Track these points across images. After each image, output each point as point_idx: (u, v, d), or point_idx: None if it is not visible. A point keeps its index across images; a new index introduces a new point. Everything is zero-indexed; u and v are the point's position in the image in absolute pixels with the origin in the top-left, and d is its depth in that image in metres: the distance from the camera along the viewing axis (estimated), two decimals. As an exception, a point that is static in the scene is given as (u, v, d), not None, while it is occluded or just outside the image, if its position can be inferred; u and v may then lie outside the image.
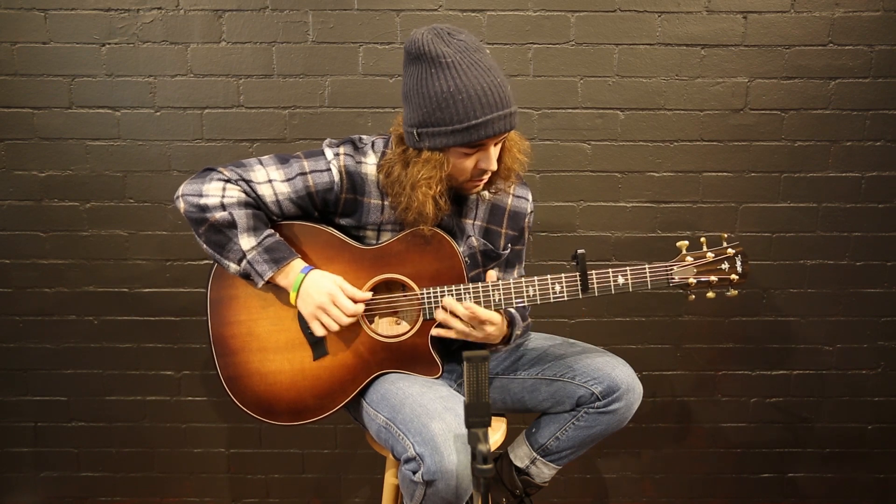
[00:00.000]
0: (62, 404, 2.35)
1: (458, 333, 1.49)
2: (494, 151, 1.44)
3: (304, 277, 1.47)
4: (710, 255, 1.51)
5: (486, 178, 1.49)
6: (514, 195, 1.65)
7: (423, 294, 1.51)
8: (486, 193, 1.61)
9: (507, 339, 1.60)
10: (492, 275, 1.55)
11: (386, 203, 1.52)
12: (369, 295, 1.51)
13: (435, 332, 1.52)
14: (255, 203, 1.49)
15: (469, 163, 1.44)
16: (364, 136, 1.57)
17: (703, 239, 1.53)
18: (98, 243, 2.25)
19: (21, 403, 2.35)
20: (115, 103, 2.18)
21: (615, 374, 1.56)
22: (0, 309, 2.29)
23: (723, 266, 1.51)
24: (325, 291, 1.45)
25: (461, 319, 1.47)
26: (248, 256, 1.46)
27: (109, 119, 2.19)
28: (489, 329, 1.48)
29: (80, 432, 2.37)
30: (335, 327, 1.46)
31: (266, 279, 1.47)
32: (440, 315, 1.49)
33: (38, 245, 2.25)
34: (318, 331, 1.48)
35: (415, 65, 1.39)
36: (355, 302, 1.48)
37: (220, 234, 1.47)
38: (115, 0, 2.12)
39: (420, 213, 1.44)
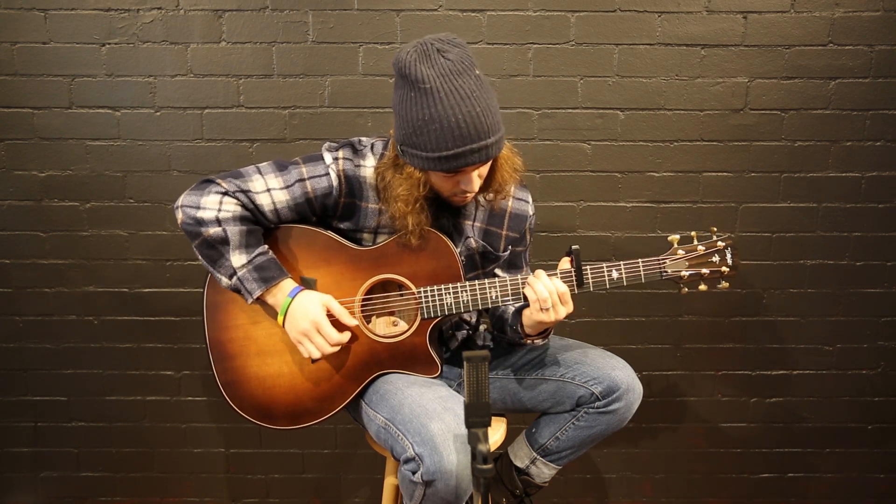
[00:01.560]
0: (62, 404, 2.35)
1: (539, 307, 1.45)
2: (476, 174, 1.43)
3: (290, 301, 1.46)
4: (700, 248, 1.55)
5: (470, 195, 1.48)
6: (514, 197, 1.65)
7: (420, 293, 1.51)
8: (481, 198, 1.61)
9: (546, 333, 1.60)
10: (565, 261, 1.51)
11: (383, 207, 1.52)
12: (356, 323, 1.51)
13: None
14: (251, 216, 1.49)
15: (450, 183, 1.44)
16: (364, 139, 1.57)
17: (693, 233, 1.56)
18: (98, 243, 2.25)
19: (21, 403, 2.35)
20: (115, 103, 2.18)
21: (615, 374, 1.56)
22: (0, 309, 2.29)
23: (713, 259, 1.54)
24: (310, 318, 1.45)
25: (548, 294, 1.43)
26: (239, 274, 1.46)
27: (109, 119, 2.19)
28: (567, 310, 1.46)
29: (80, 432, 2.37)
30: (317, 355, 1.47)
31: (255, 297, 1.47)
32: (536, 284, 1.45)
33: (38, 245, 2.25)
34: (304, 354, 1.49)
35: (400, 83, 1.39)
36: (341, 330, 1.48)
37: (213, 249, 1.47)
38: (115, 0, 2.12)
39: (402, 223, 1.46)
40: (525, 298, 1.49)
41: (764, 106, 2.19)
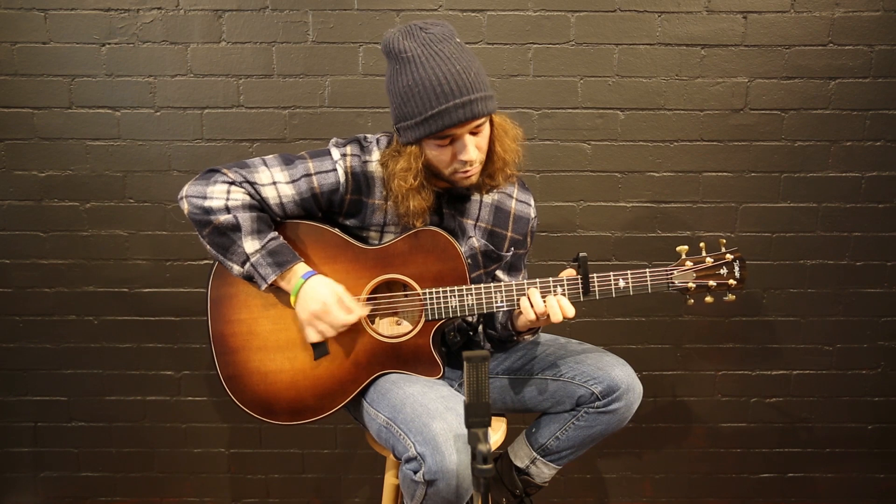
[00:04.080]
0: (62, 404, 2.35)
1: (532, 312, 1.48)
2: (471, 140, 1.42)
3: (303, 283, 1.47)
4: (709, 259, 1.53)
5: (471, 169, 1.46)
6: (517, 199, 1.65)
7: (424, 295, 1.51)
8: (487, 198, 1.61)
9: (535, 330, 1.65)
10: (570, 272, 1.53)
11: (389, 203, 1.52)
12: (366, 311, 1.51)
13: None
14: (259, 205, 1.49)
15: (446, 154, 1.43)
16: (369, 135, 1.57)
17: (702, 244, 1.54)
18: (98, 243, 2.25)
19: (21, 403, 2.35)
20: (115, 103, 2.18)
21: (615, 373, 1.56)
22: (0, 309, 2.28)
23: (721, 271, 1.53)
24: (321, 300, 1.45)
25: (536, 312, 1.47)
26: (252, 259, 1.46)
27: (109, 119, 2.19)
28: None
29: (80, 432, 2.37)
30: (318, 338, 1.48)
31: (269, 282, 1.47)
32: (524, 303, 1.48)
33: (38, 245, 2.25)
34: (311, 337, 1.49)
35: (388, 63, 1.43)
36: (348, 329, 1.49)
37: (224, 236, 1.47)
38: (115, 0, 2.12)
39: (405, 204, 1.47)
40: (519, 305, 1.50)
41: (764, 106, 2.19)
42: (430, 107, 1.36)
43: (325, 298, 1.45)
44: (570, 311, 1.47)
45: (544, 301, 1.47)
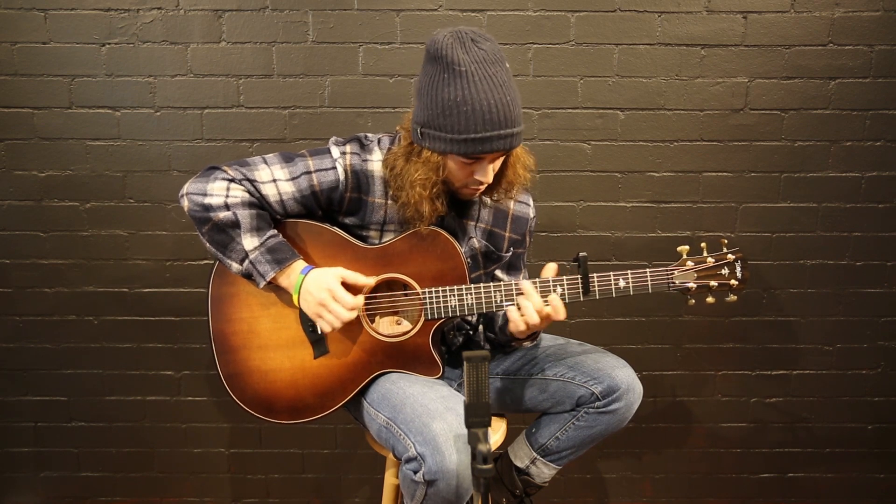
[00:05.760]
0: (62, 404, 2.35)
1: (523, 323, 1.48)
2: (493, 165, 1.44)
3: (303, 278, 1.47)
4: (710, 259, 1.53)
5: (482, 187, 1.49)
6: (515, 199, 1.65)
7: (424, 294, 1.51)
8: (487, 198, 1.61)
9: (533, 336, 1.63)
10: (551, 267, 1.53)
11: (389, 202, 1.53)
12: (371, 282, 1.50)
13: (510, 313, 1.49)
14: (258, 203, 1.49)
15: (464, 171, 1.44)
16: (370, 134, 1.57)
17: (703, 244, 1.54)
18: (98, 243, 2.25)
19: (21, 403, 2.35)
20: (115, 103, 2.18)
21: (615, 374, 1.56)
22: (0, 309, 2.28)
23: (723, 271, 1.53)
24: (325, 288, 1.45)
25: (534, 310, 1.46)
26: (251, 256, 1.46)
27: (109, 119, 2.19)
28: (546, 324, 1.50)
29: (80, 432, 2.37)
30: (338, 324, 1.45)
31: (268, 279, 1.47)
32: (521, 300, 1.48)
33: (38, 245, 2.25)
34: (324, 328, 1.48)
35: (431, 65, 1.39)
36: (356, 292, 1.48)
37: (224, 233, 1.47)
38: (115, 0, 2.12)
39: (417, 210, 1.46)
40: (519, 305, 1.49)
41: (764, 106, 2.19)
42: (473, 130, 1.35)
43: (328, 285, 1.45)
44: (561, 314, 1.46)
45: (545, 299, 1.47)
